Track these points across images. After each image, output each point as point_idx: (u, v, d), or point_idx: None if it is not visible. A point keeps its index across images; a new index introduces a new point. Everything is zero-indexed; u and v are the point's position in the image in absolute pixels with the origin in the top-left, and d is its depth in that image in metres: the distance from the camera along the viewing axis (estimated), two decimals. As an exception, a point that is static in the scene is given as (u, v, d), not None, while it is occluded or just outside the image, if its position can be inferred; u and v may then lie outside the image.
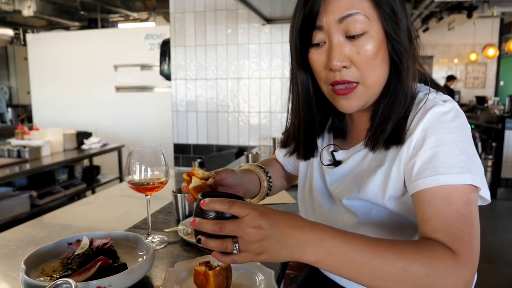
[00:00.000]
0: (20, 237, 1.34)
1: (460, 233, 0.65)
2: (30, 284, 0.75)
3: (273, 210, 0.65)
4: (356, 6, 0.73)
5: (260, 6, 2.48)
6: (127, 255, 0.97)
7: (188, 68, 3.18)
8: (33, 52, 5.74)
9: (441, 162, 0.69)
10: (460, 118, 0.74)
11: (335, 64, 0.75)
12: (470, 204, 0.68)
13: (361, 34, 0.74)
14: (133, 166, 1.06)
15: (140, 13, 7.46)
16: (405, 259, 0.62)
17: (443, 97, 0.77)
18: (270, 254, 0.63)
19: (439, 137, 0.71)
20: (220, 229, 0.63)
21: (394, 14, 0.74)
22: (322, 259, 0.63)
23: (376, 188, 0.79)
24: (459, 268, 0.63)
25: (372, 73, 0.76)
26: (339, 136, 0.95)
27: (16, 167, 3.00)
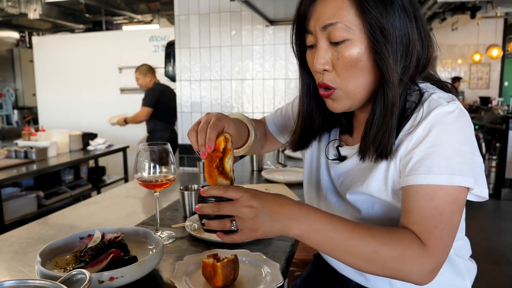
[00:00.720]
0: (30, 235, 1.37)
1: (433, 228, 0.72)
2: (47, 275, 0.78)
3: (263, 192, 0.74)
4: (338, 15, 0.76)
5: (263, 8, 2.51)
6: (137, 249, 1.00)
7: (192, 69, 3.22)
8: (39, 54, 5.80)
9: (435, 162, 0.72)
10: (462, 118, 0.76)
11: (317, 67, 0.80)
12: (454, 204, 0.73)
13: (342, 41, 0.77)
14: (142, 164, 1.10)
15: (144, 15, 7.51)
16: (377, 242, 0.71)
17: (447, 97, 0.78)
18: (264, 230, 0.73)
19: (438, 137, 0.73)
20: (218, 209, 0.72)
21: (381, 26, 0.75)
22: (306, 233, 0.72)
23: (378, 183, 0.82)
24: (424, 257, 0.71)
25: (351, 79, 0.79)
26: (346, 131, 0.98)
27: (23, 168, 3.04)
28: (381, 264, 0.72)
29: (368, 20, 0.75)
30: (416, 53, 0.79)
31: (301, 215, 0.73)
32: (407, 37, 0.77)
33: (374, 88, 0.81)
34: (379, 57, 0.76)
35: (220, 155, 0.79)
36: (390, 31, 0.75)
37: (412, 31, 0.78)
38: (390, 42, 0.75)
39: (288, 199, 0.76)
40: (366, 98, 0.83)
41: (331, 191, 0.97)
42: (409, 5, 0.78)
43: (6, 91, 6.78)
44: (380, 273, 0.74)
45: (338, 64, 0.79)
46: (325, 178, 0.99)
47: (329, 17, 0.77)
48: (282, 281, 0.86)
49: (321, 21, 0.78)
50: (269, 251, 1.07)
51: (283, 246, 1.11)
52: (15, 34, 7.82)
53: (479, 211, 4.59)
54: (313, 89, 0.91)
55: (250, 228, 0.73)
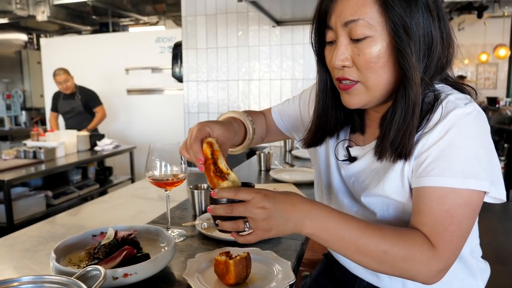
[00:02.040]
0: (41, 234, 1.38)
1: (443, 231, 0.72)
2: (62, 271, 0.79)
3: (275, 192, 0.75)
4: (360, 12, 0.76)
5: (270, 8, 2.51)
6: (149, 246, 1.01)
7: (199, 70, 3.23)
8: (46, 56, 5.85)
9: (450, 165, 0.72)
10: (479, 120, 0.75)
11: (336, 63, 0.80)
12: (465, 207, 0.72)
13: (363, 38, 0.76)
14: (153, 163, 1.11)
15: (150, 17, 7.54)
16: (388, 243, 0.72)
17: (465, 98, 0.78)
18: (278, 229, 0.74)
19: (455, 139, 0.73)
20: (231, 211, 0.73)
21: (404, 23, 0.74)
22: (318, 232, 0.73)
23: (395, 184, 0.82)
24: (433, 259, 0.72)
25: (372, 75, 0.78)
26: (357, 130, 0.97)
27: (32, 168, 3.07)
28: (391, 264, 0.72)
29: (391, 17, 0.74)
30: (437, 53, 0.78)
31: (313, 214, 0.73)
32: (430, 36, 0.77)
33: (393, 87, 0.80)
34: (401, 55, 0.75)
35: (211, 161, 0.79)
36: (414, 29, 0.74)
37: (435, 31, 0.77)
38: (413, 41, 0.74)
39: (300, 197, 0.76)
40: (384, 97, 0.82)
41: (343, 192, 0.97)
42: (433, 4, 0.77)
43: (15, 92, 6.84)
44: (388, 272, 0.75)
45: (359, 60, 0.78)
46: (336, 179, 0.98)
47: (351, 13, 0.76)
48: (294, 279, 0.86)
49: (343, 17, 0.77)
50: (280, 250, 1.07)
51: (294, 245, 1.12)
52: (23, 36, 7.89)
53: (488, 212, 4.56)
54: (329, 86, 0.91)
55: (264, 228, 0.73)
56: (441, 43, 0.79)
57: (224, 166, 0.79)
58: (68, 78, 4.34)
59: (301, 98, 1.15)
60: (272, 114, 1.19)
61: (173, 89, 5.09)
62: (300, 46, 3.02)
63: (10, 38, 7.61)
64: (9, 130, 6.46)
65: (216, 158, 0.80)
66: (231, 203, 0.74)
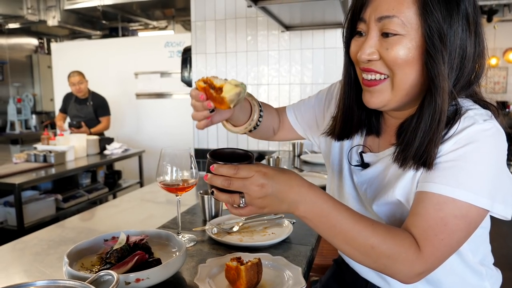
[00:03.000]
0: (51, 237, 1.39)
1: (433, 237, 0.72)
2: (75, 276, 0.80)
3: (275, 171, 0.75)
4: (397, 9, 0.75)
5: (279, 13, 2.52)
6: (160, 251, 1.02)
7: (208, 74, 3.25)
8: (57, 60, 5.91)
9: (455, 175, 0.72)
10: (497, 138, 0.74)
11: (363, 56, 0.79)
12: (461, 219, 0.72)
13: (395, 34, 0.76)
14: (164, 168, 1.11)
15: (160, 21, 7.61)
16: (377, 239, 0.72)
17: (485, 114, 0.77)
18: (272, 208, 0.75)
19: (467, 153, 0.73)
20: (228, 185, 0.73)
21: (441, 30, 0.73)
22: (310, 216, 0.74)
23: (406, 191, 0.81)
24: (416, 261, 0.72)
25: (399, 70, 0.77)
26: (373, 133, 0.96)
27: (42, 172, 3.10)
28: (375, 259, 0.74)
29: (428, 21, 0.74)
30: (468, 67, 0.78)
31: (308, 198, 0.74)
32: (464, 49, 0.76)
33: (418, 92, 0.80)
34: (431, 61, 0.74)
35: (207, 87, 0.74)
36: (451, 38, 0.74)
37: (470, 45, 0.77)
38: (447, 49, 0.74)
39: (299, 179, 0.76)
40: (406, 100, 0.82)
41: (354, 198, 0.96)
42: (473, 18, 0.77)
43: (25, 96, 6.92)
44: (371, 267, 0.77)
45: (387, 54, 0.77)
46: (348, 184, 0.98)
47: (387, 9, 0.76)
48: (304, 284, 0.86)
49: (378, 12, 0.77)
50: (290, 255, 1.07)
51: (304, 250, 1.11)
52: (34, 41, 7.99)
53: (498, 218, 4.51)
54: (353, 80, 0.90)
55: (258, 205, 0.74)
56: (473, 58, 0.78)
57: (220, 82, 0.74)
58: (82, 80, 4.35)
59: (317, 98, 1.14)
60: (286, 112, 1.17)
61: (182, 93, 5.11)
62: (309, 51, 3.03)
63: (21, 42, 7.71)
64: (20, 134, 6.54)
65: (211, 82, 0.74)
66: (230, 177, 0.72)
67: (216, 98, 0.74)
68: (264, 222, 1.31)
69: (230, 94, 0.72)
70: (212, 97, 0.74)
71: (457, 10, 0.74)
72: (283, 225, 1.29)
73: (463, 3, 0.75)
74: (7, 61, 7.30)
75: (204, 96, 0.75)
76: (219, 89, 0.73)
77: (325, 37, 2.99)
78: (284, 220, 1.31)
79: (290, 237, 1.21)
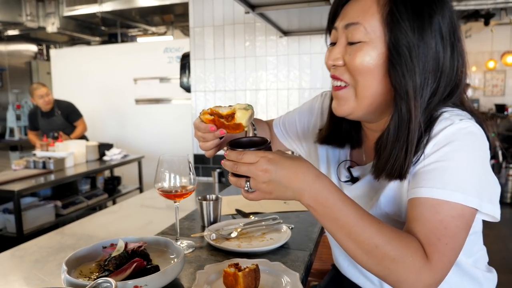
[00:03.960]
0: (50, 244, 1.40)
1: (437, 241, 0.70)
2: (73, 283, 0.80)
3: (282, 157, 0.74)
4: (362, 17, 0.78)
5: (277, 19, 2.53)
6: (158, 258, 1.02)
7: (207, 80, 3.26)
8: (56, 66, 5.92)
9: (439, 177, 0.72)
10: (473, 136, 0.74)
11: (329, 62, 0.83)
12: (459, 219, 0.71)
13: (358, 42, 0.78)
14: (163, 174, 1.12)
15: (158, 27, 7.63)
16: (381, 238, 0.70)
17: (460, 114, 0.77)
18: (277, 194, 0.75)
19: (447, 154, 0.73)
20: (235, 169, 0.76)
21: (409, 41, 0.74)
22: (315, 206, 0.73)
23: (393, 201, 0.82)
24: (424, 269, 0.69)
25: (361, 79, 0.79)
26: (356, 146, 0.97)
27: (42, 178, 3.10)
28: (378, 260, 0.70)
29: (394, 31, 0.75)
30: (444, 80, 0.78)
31: (313, 188, 0.73)
32: (438, 61, 0.77)
33: (385, 102, 0.81)
34: (394, 70, 0.76)
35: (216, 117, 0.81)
36: (422, 50, 0.75)
37: (445, 58, 0.77)
38: (415, 60, 0.75)
39: (306, 167, 0.75)
40: (374, 110, 0.83)
41: None
42: (448, 33, 0.77)
43: (24, 102, 6.92)
44: (374, 270, 0.73)
45: (349, 61, 0.80)
46: None
47: (352, 16, 0.79)
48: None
49: (345, 20, 0.81)
50: (288, 261, 1.08)
51: (302, 256, 1.12)
52: (33, 47, 8.01)
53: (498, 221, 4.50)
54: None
55: (264, 190, 0.75)
56: (451, 71, 0.79)
57: (226, 109, 0.81)
58: (48, 92, 4.22)
59: (300, 112, 1.16)
60: (273, 127, 1.20)
61: (181, 98, 5.12)
62: (307, 56, 3.04)
63: (20, 49, 7.73)
64: (19, 140, 6.53)
65: (216, 112, 0.81)
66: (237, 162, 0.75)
67: (228, 125, 0.81)
68: (262, 227, 1.31)
69: (245, 119, 0.80)
70: (224, 126, 0.81)
71: (429, 23, 0.75)
72: (281, 230, 1.30)
73: (436, 17, 0.76)
74: (6, 68, 7.31)
75: (214, 127, 0.82)
76: (229, 116, 0.80)
77: (322, 42, 3.00)
78: (282, 225, 1.31)
79: (288, 242, 1.21)
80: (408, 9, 0.75)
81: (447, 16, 0.77)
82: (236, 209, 1.57)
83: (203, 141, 0.86)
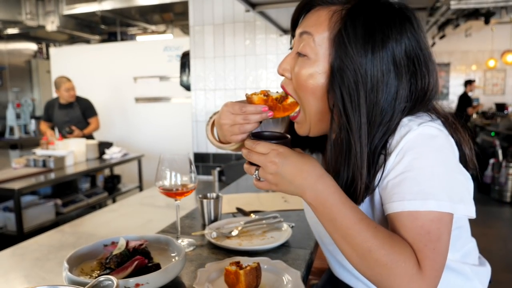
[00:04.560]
0: (51, 242, 1.40)
1: (424, 247, 0.70)
2: (74, 281, 0.80)
3: (292, 153, 0.76)
4: (314, 29, 0.78)
5: (277, 18, 2.53)
6: (159, 256, 1.02)
7: (207, 78, 3.26)
8: (55, 65, 5.92)
9: (408, 188, 0.71)
10: (434, 139, 0.73)
11: (279, 69, 0.84)
12: (439, 222, 0.70)
13: (304, 55, 0.78)
14: (163, 173, 1.12)
15: (158, 25, 7.62)
16: (375, 243, 0.69)
17: (420, 119, 0.75)
18: (282, 187, 0.77)
19: (410, 162, 0.72)
20: (248, 157, 0.78)
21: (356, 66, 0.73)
22: (315, 204, 0.74)
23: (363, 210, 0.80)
24: (416, 277, 0.68)
25: (303, 95, 0.80)
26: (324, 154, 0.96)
27: (42, 177, 3.10)
28: (371, 265, 0.70)
29: (339, 53, 0.75)
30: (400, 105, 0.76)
31: (315, 187, 0.73)
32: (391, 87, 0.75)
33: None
34: (332, 92, 0.75)
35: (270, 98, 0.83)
36: (365, 76, 0.73)
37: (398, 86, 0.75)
38: (356, 85, 0.73)
39: (311, 164, 0.75)
40: (326, 126, 0.82)
41: None
42: (406, 59, 0.76)
43: (24, 101, 6.91)
44: (367, 274, 0.72)
45: (295, 76, 0.80)
46: None
47: (307, 25, 0.79)
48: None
49: (301, 27, 0.81)
50: (289, 259, 1.08)
51: (303, 254, 1.12)
52: (33, 46, 8.00)
53: (497, 220, 4.52)
54: None
55: (270, 181, 0.77)
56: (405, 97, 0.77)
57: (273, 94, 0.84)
58: (74, 87, 4.34)
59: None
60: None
61: (181, 97, 5.12)
62: (307, 54, 3.04)
63: (20, 47, 7.73)
64: (19, 139, 6.53)
65: (268, 94, 0.84)
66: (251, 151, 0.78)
67: (280, 107, 0.83)
68: (263, 226, 1.31)
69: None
70: (276, 107, 0.83)
71: (382, 49, 0.73)
72: (282, 229, 1.30)
73: (390, 43, 0.74)
74: (6, 66, 7.31)
75: (267, 108, 0.83)
76: (282, 98, 0.83)
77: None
78: (283, 224, 1.32)
79: (289, 241, 1.21)
80: (357, 33, 0.73)
81: (406, 42, 0.75)
82: (236, 207, 1.57)
83: (244, 122, 0.84)
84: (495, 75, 8.81)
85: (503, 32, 8.14)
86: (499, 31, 7.92)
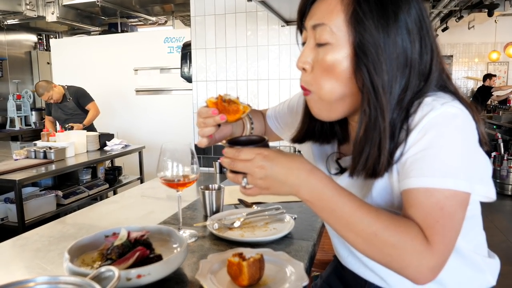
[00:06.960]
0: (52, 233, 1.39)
1: (435, 223, 0.70)
2: (75, 272, 0.80)
3: (278, 153, 0.76)
4: (327, 17, 0.77)
5: (279, 8, 2.51)
6: (161, 247, 1.01)
7: (208, 70, 3.24)
8: (56, 56, 5.89)
9: (427, 165, 0.71)
10: (457, 118, 0.73)
11: (298, 64, 0.82)
12: (454, 199, 0.70)
13: (325, 43, 0.77)
14: (165, 163, 1.11)
15: (159, 17, 7.57)
16: (380, 225, 0.70)
17: (443, 98, 0.76)
18: (274, 190, 0.76)
19: (432, 140, 0.72)
20: (232, 166, 0.77)
21: (375, 40, 0.74)
22: (311, 200, 0.74)
23: (383, 192, 0.81)
24: (426, 253, 0.68)
25: (325, 84, 0.79)
26: (342, 141, 0.97)
27: (42, 168, 3.09)
28: (379, 248, 0.70)
29: (359, 31, 0.75)
30: (415, 76, 0.77)
31: (308, 183, 0.73)
32: (406, 57, 0.76)
33: (356, 100, 0.80)
34: (360, 70, 0.75)
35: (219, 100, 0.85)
36: (388, 48, 0.74)
37: (414, 53, 0.77)
38: (378, 58, 0.74)
39: (300, 162, 0.75)
40: (346, 110, 0.82)
41: None
42: (416, 28, 0.77)
43: (25, 92, 6.89)
44: (376, 258, 0.72)
45: (317, 65, 0.79)
46: None
47: (319, 17, 0.78)
48: (307, 280, 0.86)
49: (313, 20, 0.80)
50: (292, 251, 1.07)
51: (306, 246, 1.11)
52: (33, 37, 7.95)
53: (498, 213, 4.52)
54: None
55: (261, 186, 0.76)
56: (420, 66, 0.78)
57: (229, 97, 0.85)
58: (50, 95, 4.26)
59: (290, 102, 1.16)
60: (267, 119, 1.21)
61: (181, 89, 5.10)
62: (309, 45, 3.01)
63: (20, 39, 7.68)
64: (19, 130, 6.52)
65: (221, 97, 0.85)
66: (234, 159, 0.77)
67: (228, 109, 0.84)
68: (266, 217, 1.30)
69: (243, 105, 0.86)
70: (225, 109, 0.84)
71: (395, 20, 0.75)
72: (285, 220, 1.29)
73: (402, 14, 0.75)
74: (6, 58, 7.27)
75: (216, 111, 0.84)
76: (231, 102, 0.85)
77: (325, 31, 2.97)
78: (286, 215, 1.31)
79: (291, 232, 1.20)
80: (372, 8, 0.74)
81: (414, 11, 0.76)
82: (238, 199, 1.56)
83: (203, 126, 0.87)
84: (498, 67, 8.77)
85: (507, 24, 8.08)
86: (502, 24, 7.86)
